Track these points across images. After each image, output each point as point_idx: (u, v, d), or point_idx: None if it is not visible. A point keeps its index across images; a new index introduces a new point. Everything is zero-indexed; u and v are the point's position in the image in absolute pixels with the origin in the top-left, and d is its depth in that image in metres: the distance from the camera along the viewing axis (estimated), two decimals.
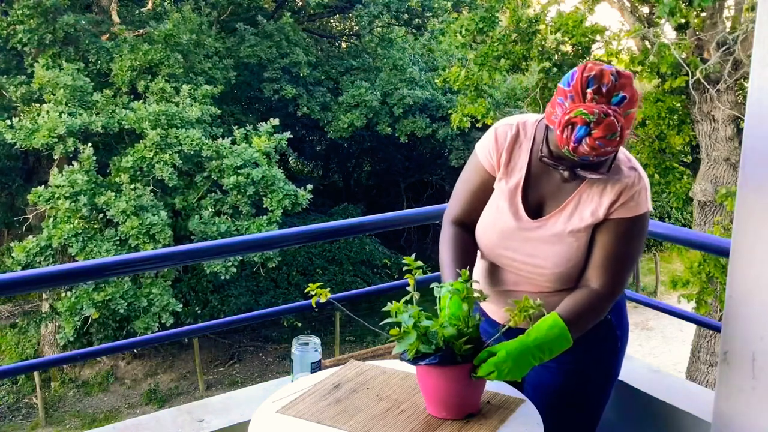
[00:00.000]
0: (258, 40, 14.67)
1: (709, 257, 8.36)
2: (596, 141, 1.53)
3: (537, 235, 1.76)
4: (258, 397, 2.15)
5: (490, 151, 1.82)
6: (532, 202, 1.78)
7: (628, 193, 1.70)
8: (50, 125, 10.96)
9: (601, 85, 1.54)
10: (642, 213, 1.72)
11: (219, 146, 11.74)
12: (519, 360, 1.59)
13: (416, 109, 15.37)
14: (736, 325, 1.79)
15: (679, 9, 8.35)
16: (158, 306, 11.32)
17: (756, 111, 1.70)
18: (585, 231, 1.73)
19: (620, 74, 1.56)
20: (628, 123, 1.58)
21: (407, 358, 1.57)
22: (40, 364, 5.41)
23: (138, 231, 10.85)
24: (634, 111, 1.59)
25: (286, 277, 14.98)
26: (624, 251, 1.73)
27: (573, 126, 1.53)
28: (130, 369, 14.15)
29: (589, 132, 1.52)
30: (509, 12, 9.94)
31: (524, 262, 1.77)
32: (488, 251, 1.83)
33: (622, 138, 1.55)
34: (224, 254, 3.39)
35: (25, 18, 11.98)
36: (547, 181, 1.77)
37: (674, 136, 9.46)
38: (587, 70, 1.56)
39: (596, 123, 1.52)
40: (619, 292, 1.76)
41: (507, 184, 1.80)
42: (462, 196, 1.88)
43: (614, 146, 1.55)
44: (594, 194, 1.72)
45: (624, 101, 1.55)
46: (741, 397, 1.79)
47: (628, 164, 1.75)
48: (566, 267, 1.74)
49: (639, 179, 1.72)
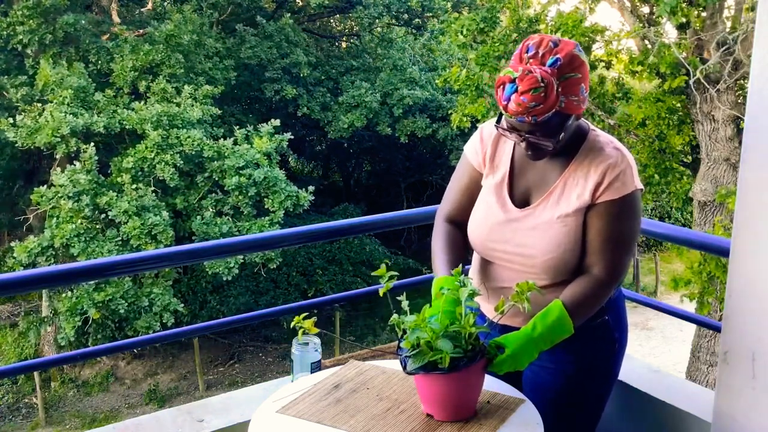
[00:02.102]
0: (258, 40, 14.68)
1: (710, 257, 8.36)
2: (521, 97, 1.56)
3: (526, 225, 1.77)
4: (258, 397, 2.15)
5: (477, 149, 1.87)
6: (519, 194, 1.81)
7: (612, 172, 1.71)
8: (54, 124, 10.97)
9: (537, 50, 1.60)
10: (631, 192, 1.72)
11: (220, 147, 11.75)
12: (524, 351, 1.63)
13: (416, 110, 15.37)
14: (736, 324, 1.79)
15: (680, 8, 8.35)
16: (159, 306, 11.33)
17: (756, 111, 1.70)
18: (573, 215, 1.73)
19: (560, 41, 1.61)
20: (570, 88, 1.61)
21: (412, 370, 1.56)
22: (40, 364, 5.41)
23: (140, 231, 10.85)
24: (579, 77, 1.62)
25: (286, 277, 14.98)
26: (618, 233, 1.73)
27: (503, 86, 1.60)
28: (130, 369, 14.15)
29: (516, 89, 1.57)
30: (509, 12, 9.93)
31: (515, 253, 1.78)
32: (480, 247, 1.85)
33: (551, 97, 1.57)
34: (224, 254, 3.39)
35: (25, 18, 11.98)
36: (531, 171, 1.80)
37: (674, 136, 9.45)
38: (529, 39, 1.63)
39: (520, 79, 1.57)
40: (619, 277, 1.76)
41: (494, 178, 1.84)
42: (453, 195, 1.92)
43: (541, 102, 1.57)
44: (579, 178, 1.73)
45: (558, 63, 1.59)
46: (741, 397, 1.78)
47: (611, 145, 1.76)
48: (556, 253, 1.73)
49: (622, 158, 1.73)
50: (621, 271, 1.76)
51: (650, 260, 19.05)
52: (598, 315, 1.84)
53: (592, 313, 1.76)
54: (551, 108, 1.58)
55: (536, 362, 1.88)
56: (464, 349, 1.57)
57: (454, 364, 1.54)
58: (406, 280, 2.71)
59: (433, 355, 1.54)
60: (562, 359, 1.85)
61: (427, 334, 1.54)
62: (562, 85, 1.60)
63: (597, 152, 1.73)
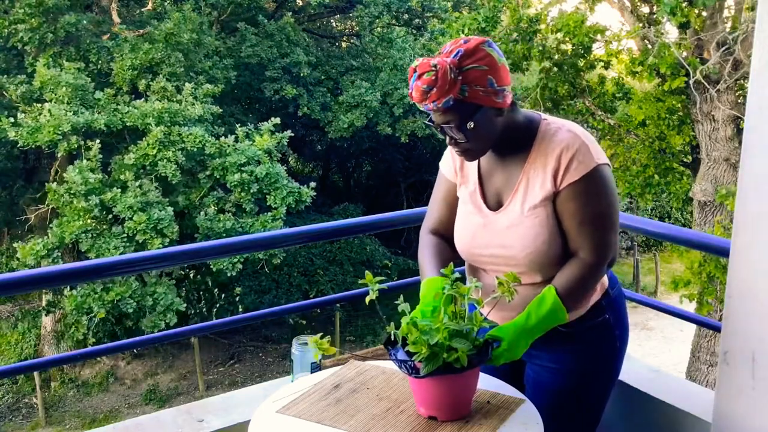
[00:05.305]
0: (258, 40, 14.67)
1: (710, 257, 8.36)
2: (417, 82, 1.64)
3: (502, 224, 1.79)
4: (258, 397, 2.15)
5: (448, 162, 1.94)
6: (491, 197, 1.84)
7: (567, 154, 1.72)
8: (55, 122, 10.96)
9: (450, 48, 1.68)
10: (593, 168, 1.71)
11: (222, 144, 11.75)
12: (520, 342, 1.67)
13: (416, 109, 15.34)
14: (736, 325, 1.79)
15: (680, 8, 8.35)
16: (163, 305, 11.35)
17: (756, 111, 1.70)
18: (541, 205, 1.74)
19: (470, 39, 1.69)
20: (473, 78, 1.65)
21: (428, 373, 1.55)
22: (40, 364, 5.41)
23: (146, 226, 10.87)
24: (485, 69, 1.66)
25: (288, 277, 14.98)
26: (593, 212, 1.73)
27: (411, 78, 1.67)
28: (130, 369, 14.15)
29: (416, 78, 1.65)
30: (509, 12, 9.93)
31: (498, 255, 1.80)
32: (467, 254, 1.89)
33: (443, 81, 1.62)
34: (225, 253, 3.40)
35: (26, 17, 11.97)
36: (498, 174, 1.83)
37: (674, 136, 9.46)
38: (451, 42, 1.72)
39: (419, 67, 1.64)
40: (607, 256, 1.75)
41: (467, 188, 1.88)
42: (434, 208, 1.98)
43: (433, 85, 1.62)
44: (538, 168, 1.76)
45: (459, 53, 1.65)
46: (741, 397, 1.79)
47: (563, 129, 1.77)
48: (534, 246, 1.74)
49: (575, 138, 1.74)
50: (608, 250, 1.75)
51: (650, 260, 19.04)
52: (599, 314, 1.84)
53: (585, 297, 1.78)
54: (447, 93, 1.63)
55: (537, 362, 1.88)
56: (473, 345, 1.58)
57: (468, 362, 1.55)
58: (406, 280, 2.71)
59: (449, 356, 1.54)
60: (564, 359, 1.85)
61: (440, 335, 1.54)
62: (463, 75, 1.64)
63: (549, 139, 1.75)
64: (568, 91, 10.14)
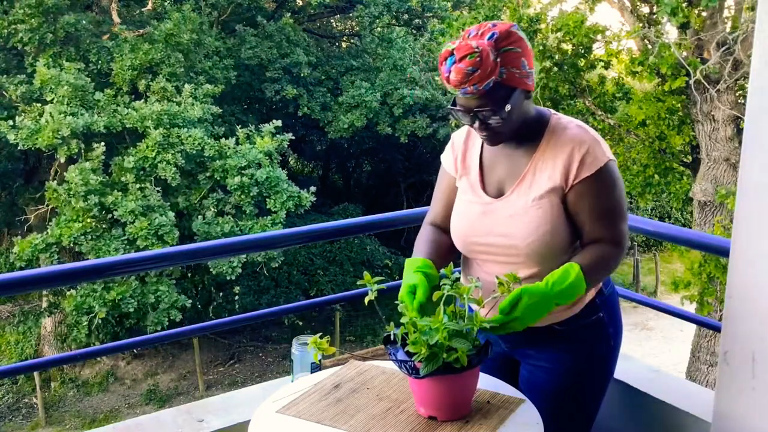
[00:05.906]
0: (258, 40, 14.66)
1: (710, 257, 8.36)
2: (458, 65, 1.62)
3: (504, 213, 1.80)
4: (258, 397, 2.15)
5: (449, 155, 1.96)
6: (493, 186, 1.85)
7: (580, 149, 1.74)
8: (54, 126, 10.96)
9: (477, 31, 1.69)
10: (605, 163, 1.75)
11: (222, 146, 11.75)
12: (538, 307, 1.64)
13: (416, 109, 15.37)
14: (736, 325, 1.79)
15: (680, 9, 8.35)
16: (167, 302, 11.35)
17: (756, 111, 1.70)
18: (547, 197, 1.75)
19: (498, 23, 1.69)
20: (509, 60, 1.66)
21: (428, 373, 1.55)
22: (40, 364, 5.41)
23: (147, 232, 10.87)
24: (519, 51, 1.67)
25: (287, 276, 14.99)
26: (609, 205, 1.77)
27: (445, 61, 1.66)
28: (130, 369, 14.15)
29: (454, 60, 1.64)
30: (509, 11, 9.93)
31: (498, 244, 1.79)
32: (463, 243, 1.88)
33: (487, 63, 1.62)
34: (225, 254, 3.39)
35: (26, 17, 11.97)
36: (501, 164, 1.84)
37: (674, 136, 9.46)
38: (475, 25, 1.72)
39: (457, 49, 1.64)
40: (625, 244, 1.79)
41: (468, 178, 1.89)
42: (435, 201, 2.00)
43: (478, 67, 1.61)
44: (547, 160, 1.77)
45: (494, 36, 1.66)
46: (741, 397, 1.79)
47: (573, 124, 1.80)
48: (536, 236, 1.74)
49: (586, 133, 1.77)
50: (625, 239, 1.80)
51: (650, 260, 19.04)
52: (593, 312, 1.85)
53: (601, 279, 1.79)
54: (490, 75, 1.63)
55: (532, 361, 1.89)
56: (473, 344, 1.58)
57: (468, 362, 1.55)
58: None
59: (449, 356, 1.54)
60: (558, 358, 1.86)
61: (440, 335, 1.54)
62: (501, 56, 1.65)
63: (561, 133, 1.78)
64: (568, 90, 10.14)
